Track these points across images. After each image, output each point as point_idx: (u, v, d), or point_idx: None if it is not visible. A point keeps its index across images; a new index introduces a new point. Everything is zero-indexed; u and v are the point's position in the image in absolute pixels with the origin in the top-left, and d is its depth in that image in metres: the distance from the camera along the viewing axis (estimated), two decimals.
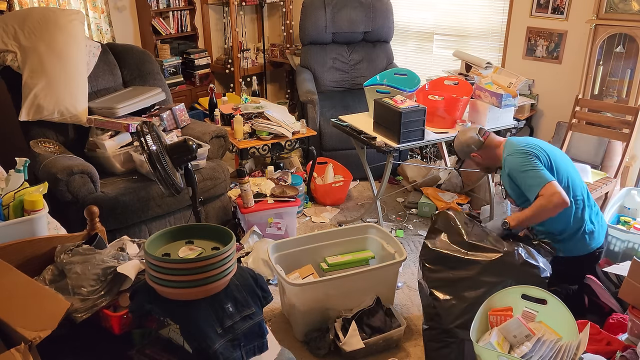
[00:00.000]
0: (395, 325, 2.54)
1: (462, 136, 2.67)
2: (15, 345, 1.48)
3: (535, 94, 4.13)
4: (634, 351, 1.90)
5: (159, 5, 4.72)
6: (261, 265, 2.96)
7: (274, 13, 5.52)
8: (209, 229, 1.96)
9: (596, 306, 2.33)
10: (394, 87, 3.32)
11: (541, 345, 1.98)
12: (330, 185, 3.84)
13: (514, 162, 2.41)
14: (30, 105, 3.03)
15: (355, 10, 4.57)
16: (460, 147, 2.68)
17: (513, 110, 3.43)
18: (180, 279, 1.73)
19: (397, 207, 3.91)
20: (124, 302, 1.87)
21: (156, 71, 3.70)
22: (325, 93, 4.54)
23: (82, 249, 1.95)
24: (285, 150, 3.78)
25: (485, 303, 2.13)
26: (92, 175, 2.86)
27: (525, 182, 2.35)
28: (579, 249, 2.42)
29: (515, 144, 2.49)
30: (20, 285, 1.73)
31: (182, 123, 3.48)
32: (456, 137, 2.73)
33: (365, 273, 2.59)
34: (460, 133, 2.71)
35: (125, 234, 2.55)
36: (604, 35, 3.49)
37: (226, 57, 5.26)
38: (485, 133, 2.62)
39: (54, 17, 3.16)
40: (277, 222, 3.29)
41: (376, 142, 3.13)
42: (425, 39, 4.70)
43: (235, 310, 1.84)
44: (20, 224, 1.94)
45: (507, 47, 4.19)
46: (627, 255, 2.61)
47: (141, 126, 2.45)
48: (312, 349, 2.51)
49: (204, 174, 3.17)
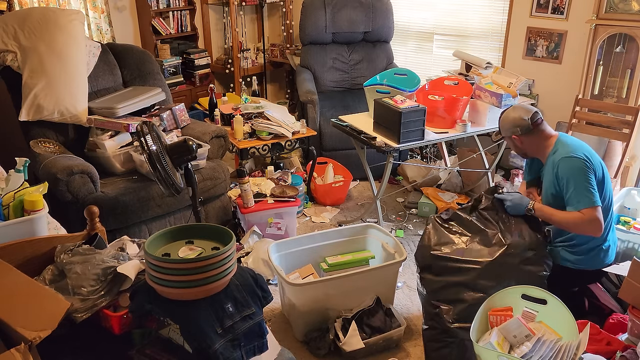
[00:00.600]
0: (395, 325, 2.54)
1: (513, 113, 2.43)
2: (15, 345, 1.48)
3: (535, 94, 4.13)
4: (634, 351, 1.90)
5: (159, 5, 4.72)
6: (261, 265, 2.96)
7: (274, 13, 5.52)
8: (209, 229, 1.96)
9: (596, 308, 2.33)
10: (394, 87, 3.32)
11: (541, 345, 1.98)
12: (330, 185, 3.84)
13: (571, 167, 2.24)
14: (30, 105, 3.03)
15: (355, 10, 4.57)
16: (505, 124, 2.47)
17: None
18: (180, 279, 1.74)
19: (397, 207, 3.91)
20: (124, 302, 1.87)
21: (156, 71, 3.70)
22: (325, 93, 4.54)
23: (82, 249, 1.95)
24: (285, 150, 3.78)
25: (485, 303, 2.13)
26: (92, 175, 2.86)
27: (574, 193, 2.22)
28: (590, 264, 2.35)
29: (569, 146, 2.31)
30: (20, 285, 1.73)
31: (182, 123, 3.48)
32: (506, 110, 2.49)
33: (365, 273, 2.59)
34: (512, 109, 2.47)
35: (125, 234, 2.55)
36: (604, 35, 3.49)
37: (226, 57, 5.26)
38: (537, 120, 2.38)
39: (54, 17, 3.16)
40: (277, 222, 3.29)
41: (376, 142, 3.13)
42: (425, 39, 4.70)
43: (235, 310, 1.84)
44: (20, 224, 1.94)
45: (507, 47, 4.19)
46: (627, 255, 2.61)
47: (141, 126, 2.45)
48: (312, 349, 2.51)
49: (204, 174, 3.17)
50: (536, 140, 2.41)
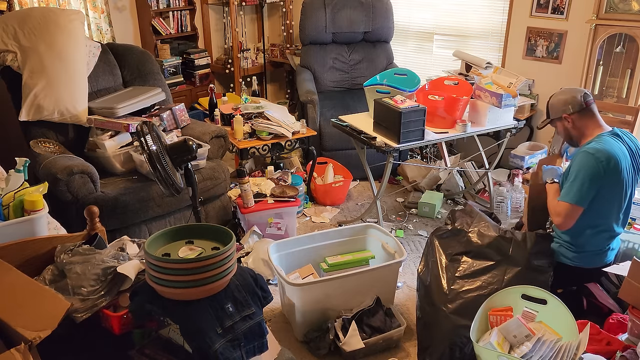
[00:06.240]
0: (395, 325, 2.54)
1: (563, 94, 2.40)
2: (15, 345, 1.48)
3: (535, 94, 4.13)
4: (634, 351, 1.90)
5: (159, 5, 4.72)
6: (261, 265, 2.96)
7: (274, 13, 5.52)
8: (209, 229, 1.96)
9: (595, 307, 2.33)
10: (394, 87, 3.32)
11: (541, 345, 1.99)
12: (330, 185, 3.84)
13: (582, 162, 2.23)
14: (30, 105, 3.03)
15: (355, 10, 4.57)
16: (555, 103, 2.40)
17: (513, 110, 3.43)
18: (180, 279, 1.74)
19: (397, 207, 3.91)
20: (124, 302, 1.87)
21: (156, 71, 3.70)
22: (325, 93, 4.54)
23: (82, 249, 1.95)
24: (285, 150, 3.78)
25: (485, 303, 2.13)
26: (92, 175, 2.86)
27: (568, 185, 2.25)
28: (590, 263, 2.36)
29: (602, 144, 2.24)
30: (20, 285, 1.73)
31: (182, 123, 3.48)
32: (556, 92, 2.45)
33: (365, 273, 2.59)
34: (562, 91, 2.43)
35: (125, 234, 2.55)
36: (604, 35, 3.49)
37: (226, 57, 5.26)
38: (589, 100, 2.33)
39: (54, 17, 3.16)
40: (277, 222, 3.29)
41: (376, 142, 3.13)
42: (425, 39, 4.70)
43: (235, 310, 1.84)
44: (20, 224, 1.95)
45: (507, 47, 4.19)
46: (627, 255, 2.60)
47: (141, 126, 2.45)
48: (312, 349, 2.51)
49: (204, 174, 3.17)
50: (585, 122, 2.34)
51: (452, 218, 2.59)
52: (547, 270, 2.28)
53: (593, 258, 2.35)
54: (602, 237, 2.33)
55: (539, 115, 4.17)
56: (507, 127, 3.44)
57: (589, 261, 2.35)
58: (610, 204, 2.29)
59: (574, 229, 2.30)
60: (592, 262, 2.35)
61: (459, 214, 2.58)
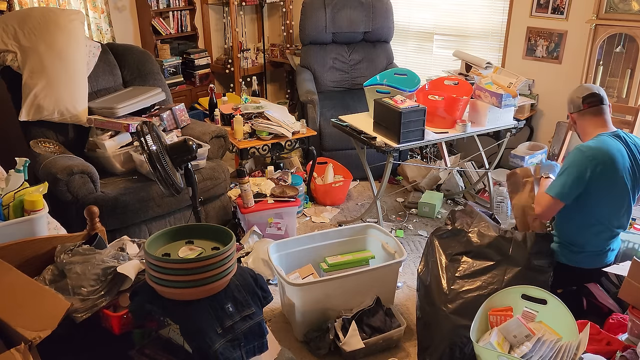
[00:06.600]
0: (395, 325, 2.54)
1: (572, 92, 2.41)
2: (15, 345, 1.48)
3: (535, 94, 4.13)
4: (634, 351, 1.90)
5: (159, 5, 4.72)
6: (261, 265, 2.96)
7: (274, 13, 5.52)
8: (209, 229, 1.96)
9: (595, 307, 2.33)
10: (394, 87, 3.32)
11: (541, 345, 1.98)
12: (330, 185, 3.84)
13: (572, 158, 2.25)
14: (30, 105, 3.03)
15: (355, 10, 4.57)
16: (567, 100, 2.44)
17: (513, 110, 3.43)
18: (180, 279, 1.74)
19: (397, 207, 3.91)
20: (124, 302, 1.87)
21: (156, 71, 3.70)
22: (325, 93, 4.54)
23: (82, 249, 1.95)
24: (285, 150, 3.78)
25: (485, 303, 2.13)
26: (92, 175, 2.86)
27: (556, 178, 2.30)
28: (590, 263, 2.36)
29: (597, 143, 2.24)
30: (20, 285, 1.73)
31: (182, 123, 3.48)
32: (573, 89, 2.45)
33: (365, 273, 2.59)
34: (575, 88, 2.43)
35: (125, 234, 2.56)
36: (604, 35, 3.49)
37: (226, 57, 5.26)
38: (590, 102, 2.32)
39: (54, 17, 3.16)
40: (277, 222, 3.29)
41: (376, 142, 3.13)
42: (425, 39, 4.70)
43: (235, 310, 1.84)
44: (20, 224, 1.95)
45: (507, 47, 4.19)
46: (627, 255, 2.60)
47: (141, 126, 2.45)
48: (312, 349, 2.51)
49: (204, 174, 3.17)
50: (586, 122, 2.35)
51: (452, 218, 2.59)
52: (547, 270, 2.28)
53: (593, 258, 2.35)
54: (603, 237, 2.33)
55: (539, 115, 4.17)
56: (507, 127, 3.44)
57: (589, 261, 2.35)
58: (610, 204, 2.28)
59: (574, 229, 2.30)
60: (593, 263, 2.35)
61: (459, 214, 2.58)
